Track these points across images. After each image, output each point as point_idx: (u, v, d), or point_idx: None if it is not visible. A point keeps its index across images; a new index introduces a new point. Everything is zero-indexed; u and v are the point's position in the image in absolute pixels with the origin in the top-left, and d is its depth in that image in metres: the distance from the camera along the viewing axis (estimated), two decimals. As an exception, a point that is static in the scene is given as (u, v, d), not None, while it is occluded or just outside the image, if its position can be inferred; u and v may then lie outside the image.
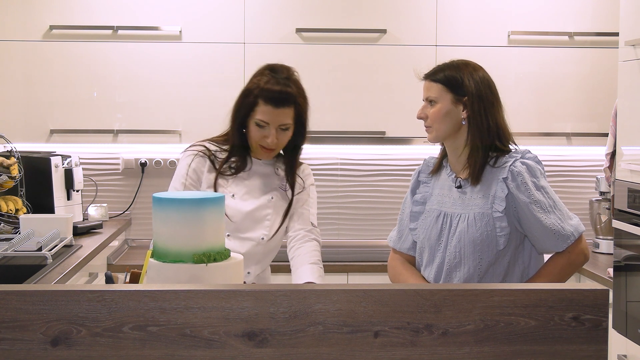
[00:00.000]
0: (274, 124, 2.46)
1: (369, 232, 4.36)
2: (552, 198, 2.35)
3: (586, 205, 4.18)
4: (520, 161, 2.34)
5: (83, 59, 4.01)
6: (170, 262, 1.80)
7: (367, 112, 4.08)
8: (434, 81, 2.39)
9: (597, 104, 4.11)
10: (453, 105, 2.37)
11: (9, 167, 3.66)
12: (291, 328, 1.49)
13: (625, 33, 3.24)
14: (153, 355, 1.48)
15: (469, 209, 2.35)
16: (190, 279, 1.78)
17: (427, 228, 2.43)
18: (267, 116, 2.45)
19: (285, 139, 2.51)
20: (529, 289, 1.54)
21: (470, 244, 2.32)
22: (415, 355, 1.51)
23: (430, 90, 2.40)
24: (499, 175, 2.33)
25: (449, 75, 2.38)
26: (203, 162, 2.55)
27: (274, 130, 2.46)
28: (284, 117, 2.46)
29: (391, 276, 2.57)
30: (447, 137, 2.40)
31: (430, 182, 2.49)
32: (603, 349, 1.53)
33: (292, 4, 4.04)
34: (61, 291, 1.48)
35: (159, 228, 1.84)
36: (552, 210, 2.33)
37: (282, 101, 2.44)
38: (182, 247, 1.82)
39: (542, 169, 2.38)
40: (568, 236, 2.33)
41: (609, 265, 3.48)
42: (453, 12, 4.06)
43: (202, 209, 1.84)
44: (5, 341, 1.46)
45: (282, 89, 2.45)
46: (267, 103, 2.44)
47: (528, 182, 2.31)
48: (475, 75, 2.39)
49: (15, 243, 3.18)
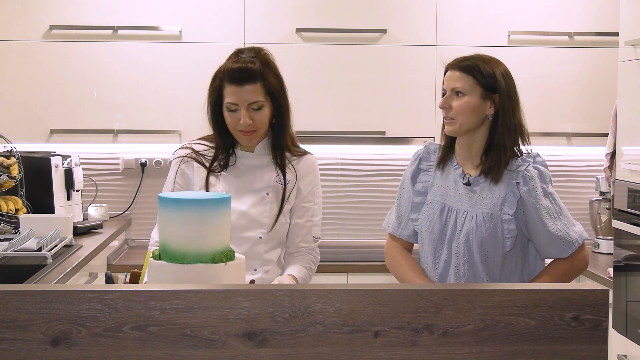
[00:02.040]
0: (243, 104, 2.37)
1: (369, 232, 4.36)
2: (558, 204, 2.35)
3: (586, 205, 4.18)
4: (533, 166, 2.34)
5: (83, 59, 4.01)
6: (189, 264, 1.79)
7: (367, 112, 4.08)
8: (465, 72, 2.33)
9: (597, 104, 4.11)
10: (482, 100, 2.33)
11: (9, 167, 3.66)
12: (291, 328, 1.49)
13: (625, 33, 3.24)
14: (153, 355, 1.48)
15: (477, 208, 2.34)
16: (211, 279, 1.79)
17: (430, 220, 2.41)
18: (234, 96, 2.38)
19: (260, 118, 2.41)
20: (529, 289, 1.54)
21: (478, 243, 2.32)
22: (415, 355, 1.51)
23: (459, 81, 2.33)
24: (511, 178, 2.33)
25: (481, 69, 2.33)
26: (190, 165, 2.49)
27: (245, 110, 2.38)
28: (251, 95, 2.37)
29: (389, 264, 2.55)
30: (468, 131, 2.36)
31: (431, 171, 2.46)
32: (603, 349, 1.53)
33: (292, 4, 4.04)
34: (61, 291, 1.48)
35: (176, 230, 1.80)
36: (558, 217, 2.33)
37: (245, 78, 2.36)
38: (202, 247, 1.81)
39: (550, 174, 2.38)
40: (573, 242, 2.33)
41: (609, 265, 3.48)
42: (453, 12, 4.06)
43: (221, 209, 1.84)
44: (5, 341, 1.46)
45: (242, 65, 2.38)
46: (232, 83, 2.37)
47: (538, 188, 2.31)
48: (504, 72, 2.36)
49: (15, 243, 3.18)
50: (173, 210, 1.81)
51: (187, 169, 2.49)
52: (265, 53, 2.47)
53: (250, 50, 2.45)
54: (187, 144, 2.55)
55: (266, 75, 2.40)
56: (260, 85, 2.38)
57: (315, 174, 2.57)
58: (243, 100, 2.37)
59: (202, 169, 2.48)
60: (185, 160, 2.49)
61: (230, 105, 2.39)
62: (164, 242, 1.83)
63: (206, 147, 2.51)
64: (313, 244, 2.54)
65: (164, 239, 1.84)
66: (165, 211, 1.82)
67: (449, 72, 2.38)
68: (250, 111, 2.39)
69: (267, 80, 2.39)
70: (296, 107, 4.08)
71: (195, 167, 2.49)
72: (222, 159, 2.49)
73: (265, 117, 2.42)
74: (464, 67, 2.34)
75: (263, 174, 2.49)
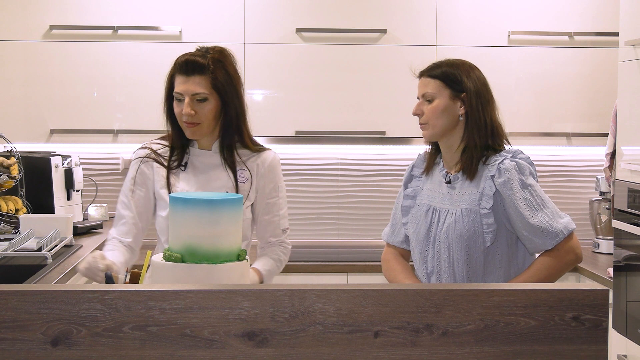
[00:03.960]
0: (187, 94, 2.38)
1: (369, 232, 4.36)
2: (540, 197, 2.35)
3: (586, 205, 4.18)
4: (510, 159, 2.35)
5: (83, 59, 4.01)
6: (221, 263, 1.82)
7: (367, 112, 4.09)
8: (432, 77, 2.40)
9: (597, 104, 4.11)
10: (451, 101, 2.38)
11: (9, 167, 3.66)
12: (291, 328, 1.49)
13: (625, 33, 3.24)
14: (153, 355, 1.48)
15: (457, 205, 2.37)
16: (240, 277, 1.84)
17: (416, 222, 2.46)
18: (181, 86, 2.39)
19: (204, 111, 2.39)
20: (529, 289, 1.54)
21: (458, 239, 2.34)
22: (415, 355, 1.51)
23: (428, 87, 2.39)
24: (488, 172, 2.34)
25: (447, 72, 2.39)
26: (149, 165, 2.49)
27: (188, 100, 2.38)
28: (196, 86, 2.38)
29: (384, 270, 2.60)
30: (443, 134, 2.40)
31: (422, 177, 2.51)
32: (603, 349, 1.53)
33: (292, 4, 4.04)
34: (61, 291, 1.48)
35: (207, 231, 1.82)
36: (541, 209, 2.33)
37: (191, 70, 2.38)
38: (232, 246, 1.85)
39: (533, 169, 2.39)
40: (557, 233, 2.33)
41: (609, 265, 3.48)
42: (453, 12, 4.06)
43: (240, 207, 1.89)
44: (5, 341, 1.46)
45: (190, 57, 2.41)
46: (180, 73, 2.40)
47: (515, 180, 2.32)
48: (472, 73, 2.41)
49: (15, 243, 3.18)
50: (206, 211, 1.83)
51: (146, 169, 2.49)
52: (224, 51, 2.48)
53: (211, 48, 2.47)
54: (147, 144, 2.55)
55: (215, 70, 2.40)
56: (207, 78, 2.39)
57: (276, 170, 2.55)
58: (188, 90, 2.39)
59: (161, 168, 2.48)
60: (145, 161, 2.49)
61: (177, 94, 2.41)
62: (191, 244, 1.83)
63: (162, 146, 2.52)
64: (282, 236, 2.56)
65: (190, 241, 1.84)
66: (196, 212, 1.83)
67: (420, 79, 2.44)
68: (194, 102, 2.39)
69: (215, 74, 2.40)
70: (296, 107, 4.11)
71: (155, 167, 2.49)
72: (176, 156, 2.49)
73: (209, 112, 2.41)
74: (430, 71, 2.41)
75: (221, 172, 2.48)
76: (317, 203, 4.37)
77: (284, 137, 4.08)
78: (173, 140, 2.50)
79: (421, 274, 2.46)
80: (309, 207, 4.36)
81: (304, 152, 4.35)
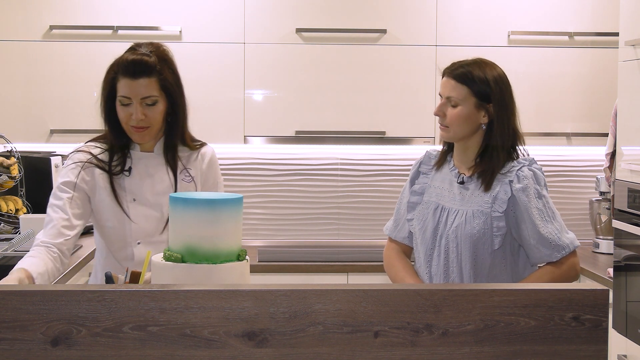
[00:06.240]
0: (136, 98, 2.28)
1: (369, 232, 4.36)
2: (551, 209, 2.36)
3: (586, 205, 4.18)
4: (528, 168, 2.35)
5: (83, 59, 4.01)
6: (221, 263, 1.81)
7: (367, 112, 4.08)
8: (459, 82, 2.35)
9: (597, 104, 4.12)
10: (475, 110, 2.35)
11: (9, 167, 3.66)
12: (291, 328, 1.49)
13: (625, 33, 3.24)
14: (153, 355, 1.48)
15: (468, 206, 2.36)
16: (240, 277, 1.83)
17: (423, 220, 2.43)
18: (127, 89, 2.27)
19: (154, 114, 2.31)
20: (529, 289, 1.54)
21: (467, 239, 2.33)
22: (415, 355, 1.51)
23: (454, 91, 2.35)
24: (505, 177, 2.34)
25: (476, 79, 2.34)
26: (90, 172, 2.37)
27: (138, 104, 2.29)
28: (145, 89, 2.28)
29: (385, 266, 2.58)
30: (462, 138, 2.39)
31: (430, 173, 2.49)
32: (603, 349, 1.53)
33: (292, 4, 4.04)
34: (61, 291, 1.48)
35: (208, 231, 1.82)
36: (551, 221, 2.34)
37: (139, 72, 2.28)
38: (232, 246, 1.84)
39: (545, 179, 2.39)
40: (563, 247, 2.33)
41: (609, 265, 3.48)
42: (453, 12, 4.06)
43: (240, 207, 1.89)
44: (5, 341, 1.46)
45: (137, 58, 2.29)
46: (125, 75, 2.28)
47: (531, 188, 2.32)
48: (501, 82, 2.36)
49: (15, 243, 3.18)
50: (207, 211, 1.82)
51: (86, 176, 2.37)
52: (164, 49, 2.39)
53: (149, 45, 2.37)
54: (84, 148, 2.42)
55: (162, 70, 2.32)
56: (155, 79, 2.31)
57: (215, 165, 2.50)
58: (137, 94, 2.29)
59: (104, 174, 2.38)
60: (86, 166, 2.37)
61: (123, 99, 2.30)
62: (191, 244, 1.83)
63: (101, 149, 2.40)
64: None
65: (190, 241, 1.83)
66: (196, 212, 1.83)
67: (445, 78, 2.39)
68: (144, 106, 2.30)
69: (162, 75, 2.32)
70: (296, 107, 4.11)
71: (96, 173, 2.38)
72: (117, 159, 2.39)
73: (158, 114, 2.33)
74: (459, 75, 2.35)
75: (164, 173, 2.42)
76: (317, 203, 4.37)
77: (283, 137, 4.08)
78: (112, 141, 2.39)
79: (424, 272, 2.44)
80: (309, 207, 4.36)
81: (304, 152, 4.35)
